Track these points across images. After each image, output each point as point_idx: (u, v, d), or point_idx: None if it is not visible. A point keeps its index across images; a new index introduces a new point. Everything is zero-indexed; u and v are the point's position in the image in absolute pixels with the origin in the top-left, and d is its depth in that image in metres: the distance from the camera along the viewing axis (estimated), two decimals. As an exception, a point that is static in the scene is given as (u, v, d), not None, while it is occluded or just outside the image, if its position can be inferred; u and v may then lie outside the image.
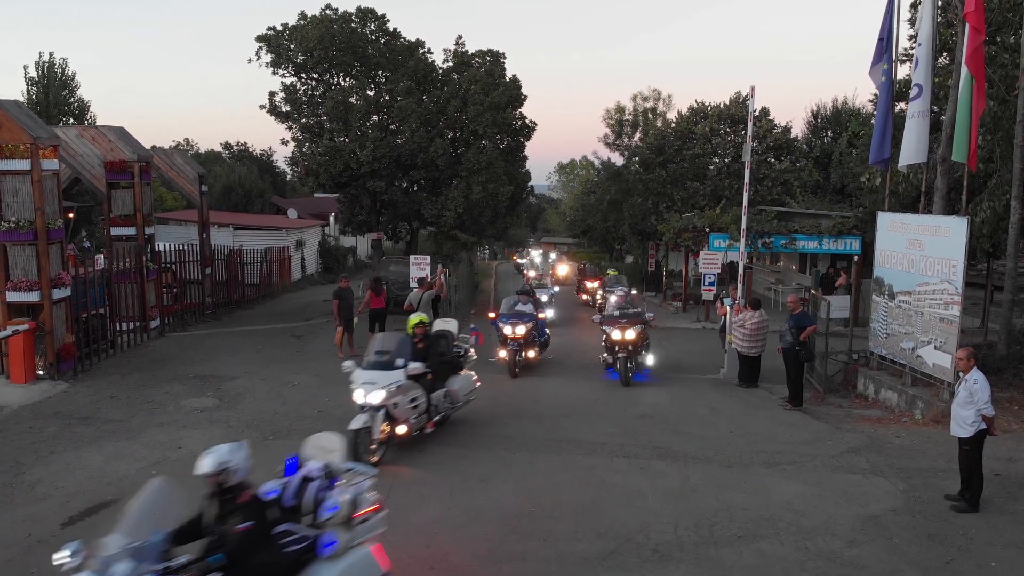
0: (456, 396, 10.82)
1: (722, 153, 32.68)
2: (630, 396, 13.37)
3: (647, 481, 9.01)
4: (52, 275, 13.80)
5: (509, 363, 14.69)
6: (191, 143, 65.74)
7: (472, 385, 11.33)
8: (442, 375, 10.73)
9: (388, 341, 10.12)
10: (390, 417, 9.43)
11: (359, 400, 9.42)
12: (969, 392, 8.03)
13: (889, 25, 13.95)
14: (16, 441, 10.48)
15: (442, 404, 10.52)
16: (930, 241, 12.09)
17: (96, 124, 28.39)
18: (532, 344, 15.40)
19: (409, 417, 9.61)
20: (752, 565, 6.95)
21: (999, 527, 7.79)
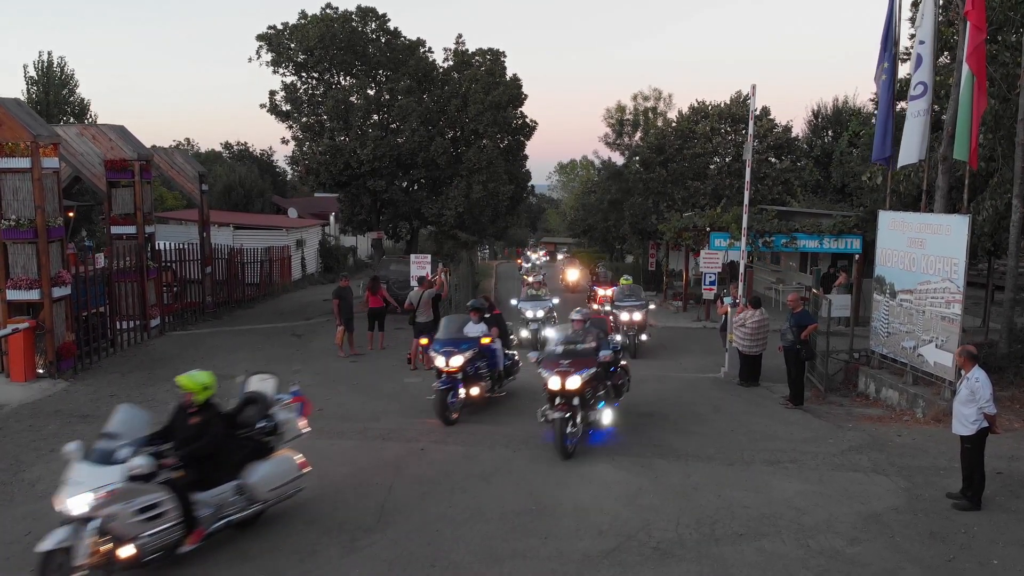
0: (257, 492, 7.29)
1: (723, 152, 32.67)
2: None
3: (648, 479, 8.99)
4: (52, 273, 13.79)
5: (437, 406, 11.15)
6: (191, 142, 65.82)
7: (291, 472, 7.65)
8: (234, 461, 7.27)
9: (124, 417, 6.76)
10: (107, 533, 6.29)
11: (58, 507, 6.35)
12: (971, 390, 8.02)
13: (889, 24, 13.93)
14: (16, 439, 10.47)
15: (227, 506, 7.12)
16: (931, 240, 12.07)
17: (97, 123, 28.39)
18: (476, 379, 11.88)
19: (140, 534, 6.34)
20: (753, 563, 6.94)
21: (1001, 525, 7.77)
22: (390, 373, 15.05)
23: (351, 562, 6.94)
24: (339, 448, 10.01)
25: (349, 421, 11.49)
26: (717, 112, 32.73)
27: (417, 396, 13.13)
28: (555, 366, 9.91)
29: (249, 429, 7.51)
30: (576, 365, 9.88)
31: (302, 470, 7.79)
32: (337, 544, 7.26)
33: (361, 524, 7.69)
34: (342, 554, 7.08)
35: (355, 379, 14.55)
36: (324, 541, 7.32)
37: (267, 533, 7.50)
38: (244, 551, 7.12)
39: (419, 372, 15.12)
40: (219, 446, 7.05)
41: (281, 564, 6.91)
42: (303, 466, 7.81)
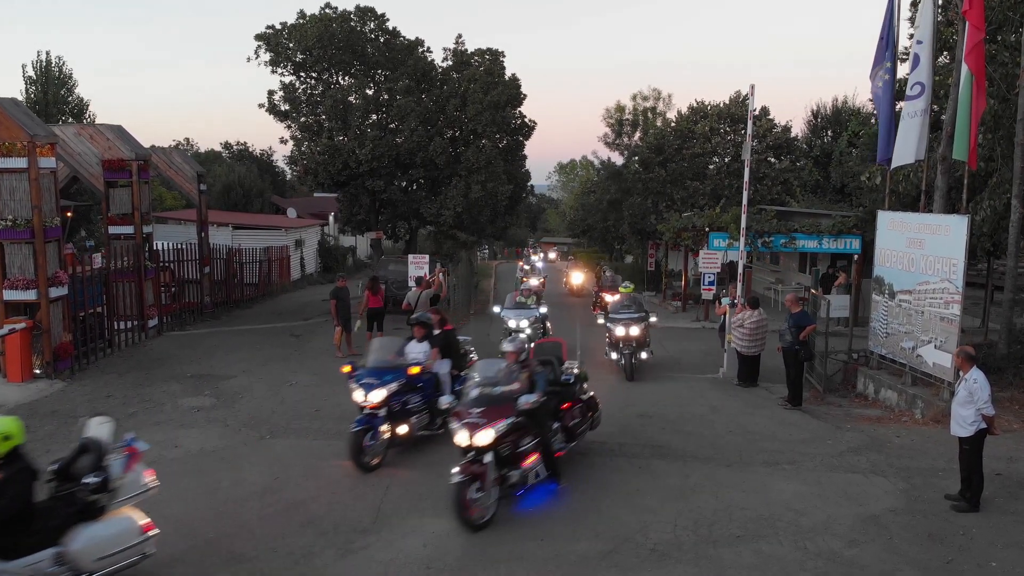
0: (81, 562, 5.99)
1: (722, 152, 32.65)
2: None
3: (646, 480, 8.96)
4: (49, 274, 13.76)
5: (351, 449, 9.16)
6: (191, 142, 65.80)
7: (129, 537, 6.31)
8: (52, 525, 5.96)
9: None
10: None
11: None
12: (969, 391, 7.99)
13: (890, 24, 13.90)
14: (12, 440, 10.41)
15: None
16: (930, 240, 12.04)
17: (94, 123, 28.36)
18: (404, 416, 9.72)
19: None
20: (751, 565, 6.91)
21: (1000, 527, 7.74)
22: (388, 373, 15.00)
23: (347, 564, 6.91)
24: (335, 449, 9.96)
25: (346, 421, 11.39)
26: (716, 112, 32.72)
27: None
28: (464, 416, 7.97)
29: (73, 484, 6.18)
30: (489, 415, 7.86)
31: (145, 533, 6.37)
32: (333, 546, 7.23)
33: (357, 526, 7.66)
34: (338, 556, 7.05)
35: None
36: (320, 543, 7.29)
37: (262, 535, 7.47)
38: (239, 553, 7.09)
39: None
40: (23, 507, 5.77)
41: (276, 565, 6.88)
42: (147, 528, 6.40)
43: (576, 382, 9.75)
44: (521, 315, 17.12)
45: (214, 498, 8.35)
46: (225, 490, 8.62)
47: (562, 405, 9.28)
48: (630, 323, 14.94)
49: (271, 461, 9.64)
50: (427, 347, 10.39)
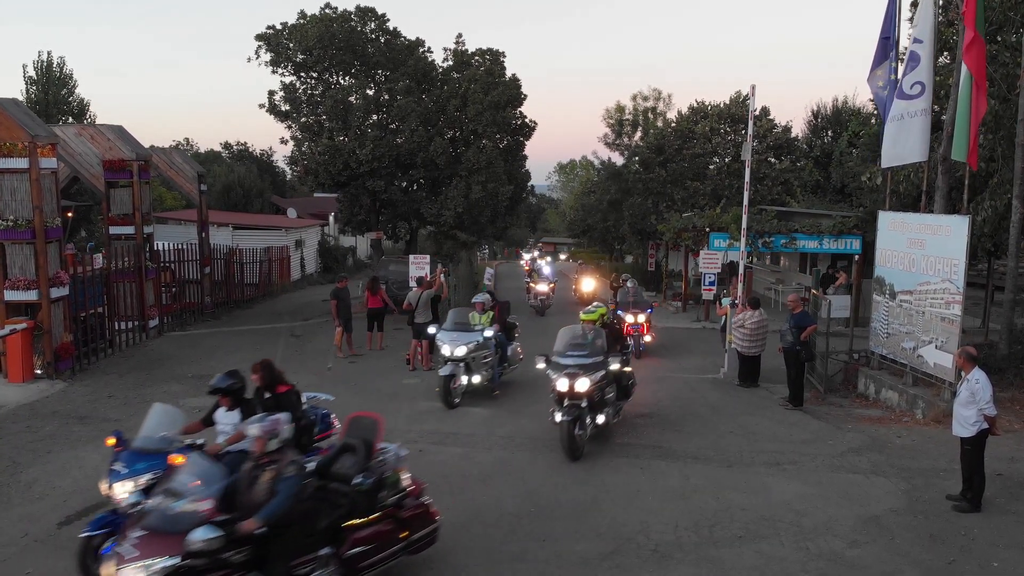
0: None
1: (722, 152, 32.63)
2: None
3: (647, 481, 8.96)
4: (50, 274, 13.76)
5: None
6: (191, 143, 65.76)
7: None
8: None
9: None
10: None
11: None
12: (971, 391, 7.99)
13: (891, 24, 13.88)
14: (13, 440, 10.44)
15: None
16: (931, 240, 12.04)
17: (95, 123, 28.36)
18: None
19: None
20: (752, 565, 6.91)
21: (1001, 527, 7.74)
22: (389, 374, 15.02)
23: (348, 565, 6.89)
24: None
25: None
26: (716, 112, 32.69)
27: (416, 397, 13.11)
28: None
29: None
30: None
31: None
32: (334, 546, 7.22)
33: (358, 526, 7.65)
34: (339, 556, 7.03)
35: (354, 379, 14.51)
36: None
37: (264, 535, 7.45)
38: (241, 553, 7.08)
39: (418, 373, 15.09)
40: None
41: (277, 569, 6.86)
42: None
43: (380, 488, 6.49)
44: (458, 339, 12.73)
45: (215, 499, 8.32)
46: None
47: (347, 521, 6.14)
48: (576, 373, 9.80)
49: (272, 462, 9.62)
50: (237, 418, 7.33)
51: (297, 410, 7.54)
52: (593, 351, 10.29)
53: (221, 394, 7.45)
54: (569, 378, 9.78)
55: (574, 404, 9.63)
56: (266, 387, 7.62)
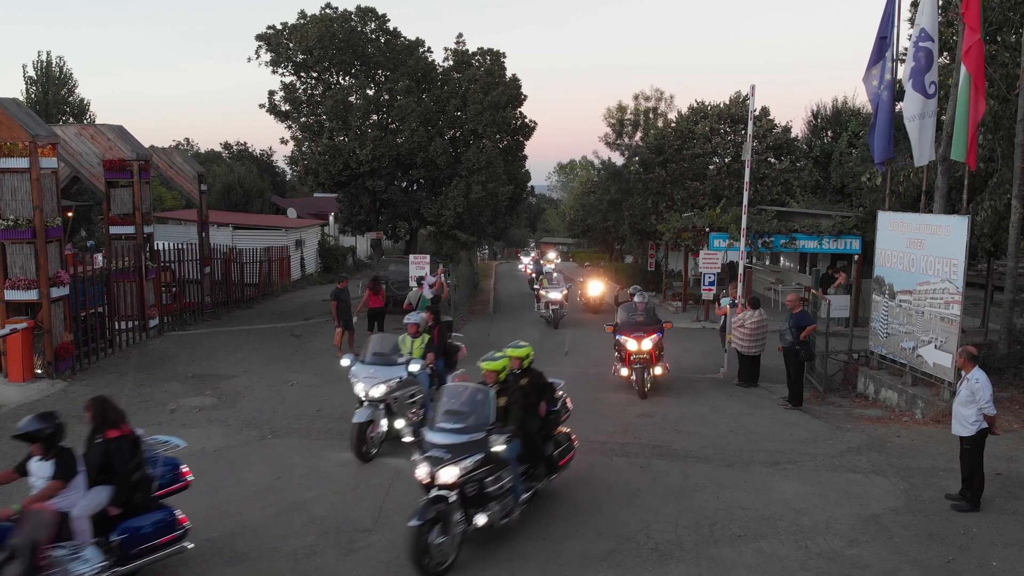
0: None
1: (722, 153, 32.63)
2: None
3: (647, 480, 8.98)
4: (51, 274, 13.77)
5: None
6: (191, 143, 65.85)
7: None
8: None
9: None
10: None
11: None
12: (971, 391, 8.01)
13: (889, 24, 13.90)
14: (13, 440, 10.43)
15: None
16: (931, 240, 12.06)
17: (95, 123, 28.37)
18: None
19: None
20: (752, 564, 6.92)
21: (1000, 526, 7.76)
22: (389, 373, 15.01)
23: (349, 563, 6.92)
24: (337, 448, 9.99)
25: (347, 422, 11.40)
26: (716, 112, 32.70)
27: (416, 397, 13.11)
28: None
29: None
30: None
31: None
32: (335, 545, 7.25)
33: (359, 525, 7.68)
34: (340, 555, 7.06)
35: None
36: (322, 542, 7.31)
37: (264, 534, 7.48)
38: (242, 553, 7.11)
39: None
40: None
41: (279, 565, 6.89)
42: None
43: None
44: (375, 376, 10.14)
45: (216, 498, 8.36)
46: (227, 490, 8.64)
47: None
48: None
49: (273, 461, 9.66)
50: (50, 470, 6.13)
51: (128, 462, 6.43)
52: (475, 422, 7.25)
53: (28, 440, 6.17)
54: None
55: (437, 498, 6.85)
56: (96, 429, 6.54)
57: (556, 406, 8.61)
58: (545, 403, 8.21)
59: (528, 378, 8.26)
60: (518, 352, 8.30)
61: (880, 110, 14.22)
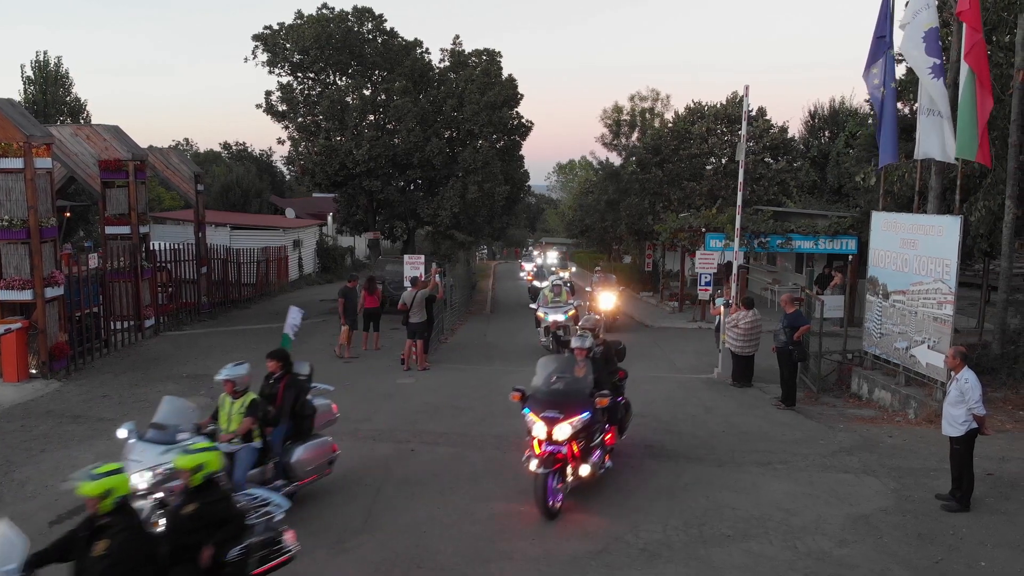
0: None
1: (719, 153, 32.64)
2: None
3: (637, 480, 8.98)
4: (45, 274, 13.78)
5: None
6: (190, 143, 65.82)
7: None
8: None
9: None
10: None
11: None
12: (960, 391, 8.02)
13: (887, 23, 13.89)
14: (7, 439, 10.46)
15: None
16: (924, 240, 12.07)
17: (91, 123, 28.37)
18: None
19: None
20: (741, 564, 6.93)
21: (990, 526, 7.76)
22: (383, 374, 15.04)
23: (338, 563, 6.94)
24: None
25: (340, 421, 11.37)
26: (713, 113, 32.71)
27: (410, 397, 13.14)
28: None
29: None
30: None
31: None
32: (324, 545, 7.26)
33: (349, 525, 7.69)
34: (329, 556, 7.08)
35: (348, 379, 14.51)
36: (311, 542, 7.30)
37: (254, 534, 7.48)
38: (231, 552, 7.10)
39: (412, 373, 15.11)
40: None
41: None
42: None
43: None
44: (142, 459, 7.24)
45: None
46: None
47: None
48: None
49: (265, 461, 9.64)
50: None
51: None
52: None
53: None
54: None
55: None
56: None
57: None
58: None
59: None
60: (185, 462, 5.34)
61: (885, 111, 14.15)
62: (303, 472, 8.10)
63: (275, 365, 8.50)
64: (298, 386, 8.48)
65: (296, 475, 8.03)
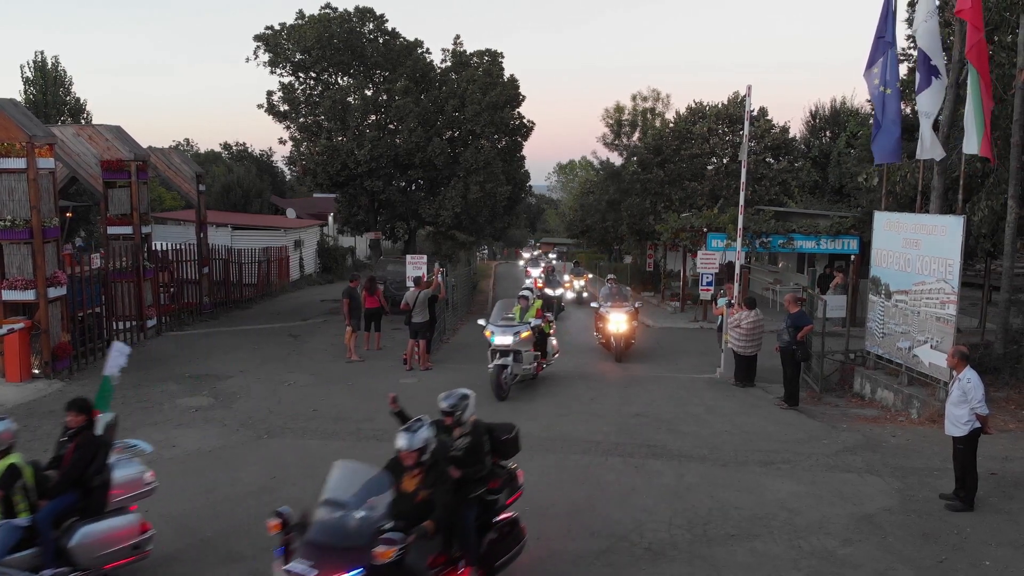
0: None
1: (720, 153, 32.66)
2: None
3: (641, 479, 8.99)
4: (48, 274, 13.78)
5: None
6: (191, 143, 65.77)
7: None
8: None
9: None
10: None
11: None
12: (962, 391, 8.03)
13: (888, 23, 13.89)
14: (10, 440, 10.44)
15: None
16: (927, 240, 12.07)
17: (93, 123, 28.37)
18: None
19: None
20: (745, 564, 6.93)
21: (993, 526, 7.77)
22: (385, 374, 15.04)
23: (342, 563, 6.91)
24: (332, 449, 9.99)
25: (343, 421, 11.49)
26: (714, 113, 32.73)
27: (412, 397, 13.11)
28: None
29: None
30: None
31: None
32: (329, 545, 7.24)
33: (353, 525, 7.67)
34: (333, 555, 7.05)
35: (350, 379, 14.54)
36: (316, 542, 7.30)
37: (257, 535, 7.48)
38: (235, 553, 7.12)
39: (415, 373, 15.12)
40: None
41: (268, 567, 6.88)
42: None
43: None
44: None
45: (211, 497, 8.38)
46: (222, 489, 8.65)
47: None
48: None
49: (268, 461, 9.67)
50: None
51: None
52: None
53: None
54: None
55: None
56: None
57: None
58: None
59: None
60: None
61: (886, 111, 14.15)
62: (89, 559, 6.31)
63: (75, 418, 6.60)
64: (93, 446, 6.59)
65: (79, 562, 6.26)
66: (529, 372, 13.67)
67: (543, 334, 14.25)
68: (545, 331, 14.38)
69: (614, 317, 16.82)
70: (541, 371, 14.21)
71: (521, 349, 13.32)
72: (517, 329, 13.41)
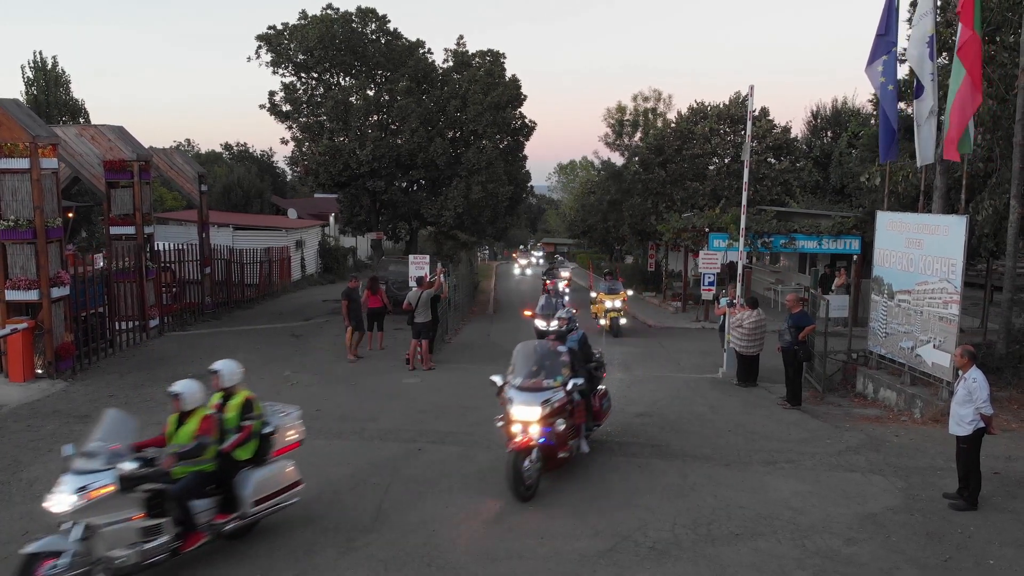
0: None
1: (722, 153, 32.66)
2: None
3: (645, 479, 9.00)
4: (51, 274, 13.80)
5: None
6: (192, 143, 65.87)
7: None
8: None
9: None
10: None
11: None
12: (968, 391, 8.03)
13: (890, 20, 13.89)
14: (14, 439, 10.48)
15: None
16: (929, 240, 12.08)
17: (95, 123, 28.40)
18: None
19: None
20: (750, 563, 6.94)
21: (998, 525, 7.77)
22: (388, 374, 15.05)
23: (347, 562, 6.94)
24: (336, 448, 10.02)
25: (347, 421, 11.50)
26: (716, 113, 32.74)
27: (415, 396, 13.15)
28: None
29: None
30: None
31: None
32: (334, 544, 7.27)
33: (358, 524, 7.70)
34: (338, 554, 7.08)
35: (353, 379, 14.55)
36: (321, 541, 7.33)
37: (264, 533, 7.50)
38: (241, 552, 7.13)
39: (417, 372, 15.13)
40: None
41: (278, 564, 6.91)
42: None
43: None
44: None
45: (215, 497, 8.36)
46: (226, 489, 8.64)
47: None
48: None
49: (272, 460, 9.66)
50: None
51: None
52: None
53: None
54: None
55: None
56: None
57: None
58: None
59: None
60: None
61: (886, 109, 14.16)
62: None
63: None
64: None
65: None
66: None
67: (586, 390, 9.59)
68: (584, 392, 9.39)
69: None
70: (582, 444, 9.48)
71: None
72: (546, 397, 8.66)
